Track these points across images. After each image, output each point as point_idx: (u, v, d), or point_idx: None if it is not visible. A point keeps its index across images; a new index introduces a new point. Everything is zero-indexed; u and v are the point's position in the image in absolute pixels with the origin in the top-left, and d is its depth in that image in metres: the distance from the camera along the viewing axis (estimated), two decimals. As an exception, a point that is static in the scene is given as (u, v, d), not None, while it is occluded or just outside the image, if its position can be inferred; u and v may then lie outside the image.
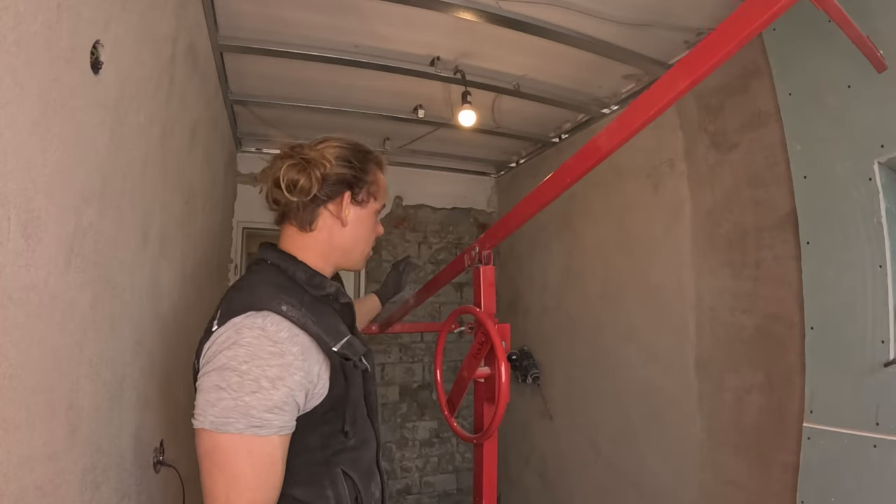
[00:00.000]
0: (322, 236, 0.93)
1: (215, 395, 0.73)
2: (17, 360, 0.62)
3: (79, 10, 0.74)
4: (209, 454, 0.73)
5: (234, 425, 0.72)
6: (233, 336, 0.75)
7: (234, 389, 0.73)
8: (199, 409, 0.75)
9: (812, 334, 1.43)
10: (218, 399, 0.73)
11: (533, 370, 3.10)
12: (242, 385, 0.73)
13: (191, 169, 1.67)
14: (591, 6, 1.78)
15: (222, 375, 0.74)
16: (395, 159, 3.40)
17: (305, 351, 0.79)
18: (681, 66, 0.86)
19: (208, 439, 0.73)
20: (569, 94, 2.47)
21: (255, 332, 0.75)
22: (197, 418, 0.75)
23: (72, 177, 0.76)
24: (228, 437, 0.72)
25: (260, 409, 0.73)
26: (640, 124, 0.91)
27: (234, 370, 0.73)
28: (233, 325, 0.77)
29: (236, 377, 0.73)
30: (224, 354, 0.75)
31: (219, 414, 0.73)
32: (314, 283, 0.90)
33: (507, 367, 1.14)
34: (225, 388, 0.73)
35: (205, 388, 0.75)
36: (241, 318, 0.77)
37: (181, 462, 1.43)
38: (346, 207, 0.92)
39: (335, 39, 1.98)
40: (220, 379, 0.74)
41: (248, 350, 0.74)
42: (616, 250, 2.51)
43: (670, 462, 2.10)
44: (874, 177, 1.29)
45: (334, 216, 0.93)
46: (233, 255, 3.06)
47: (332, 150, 0.92)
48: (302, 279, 0.89)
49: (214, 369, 0.75)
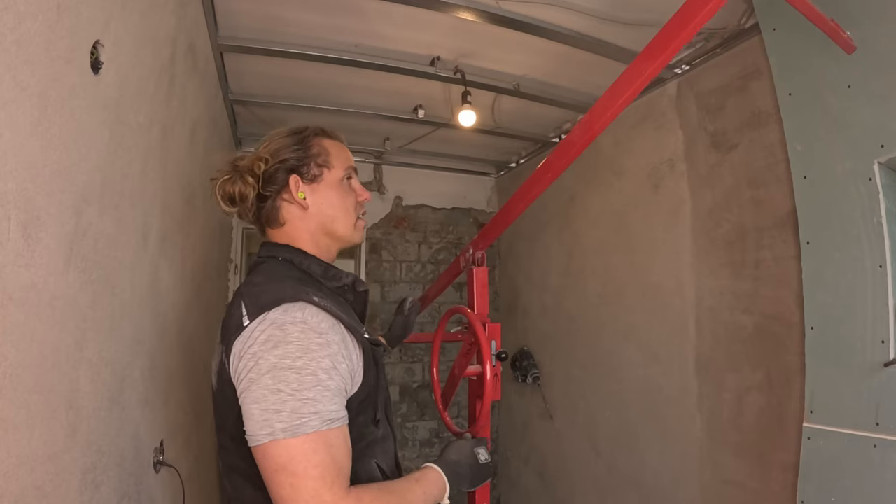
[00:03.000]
0: (296, 225, 0.92)
1: (276, 399, 0.69)
2: (16, 360, 0.62)
3: (79, 10, 0.74)
4: (288, 464, 0.68)
5: (309, 424, 0.69)
6: (277, 333, 0.72)
7: (294, 389, 0.69)
8: (258, 421, 0.69)
9: (812, 334, 1.43)
10: (281, 403, 0.69)
11: (533, 370, 3.10)
12: (302, 381, 0.70)
13: (191, 169, 1.66)
14: (590, 6, 1.78)
15: (277, 377, 0.70)
16: (395, 159, 3.41)
17: (344, 340, 0.79)
18: (640, 59, 0.89)
19: (283, 449, 0.68)
20: (569, 94, 2.47)
21: (299, 327, 0.73)
22: (260, 433, 0.69)
23: (72, 177, 0.76)
24: (304, 438, 0.68)
25: (326, 403, 0.71)
26: (609, 116, 0.94)
27: (290, 368, 0.70)
28: (271, 321, 0.73)
29: (294, 374, 0.70)
30: (272, 354, 0.71)
31: (288, 418, 0.68)
32: (329, 275, 0.90)
33: (495, 366, 1.17)
34: (284, 389, 0.69)
35: (258, 396, 0.70)
36: (278, 312, 0.74)
37: (181, 462, 1.43)
38: (297, 190, 0.91)
39: (335, 39, 1.98)
40: (275, 382, 0.70)
41: (298, 345, 0.72)
42: (616, 250, 2.51)
43: (670, 462, 2.10)
44: (874, 177, 1.29)
45: (293, 203, 0.92)
46: (233, 255, 3.06)
47: (265, 149, 0.93)
48: (318, 272, 0.89)
49: (265, 373, 0.70)
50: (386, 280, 3.50)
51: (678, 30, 0.86)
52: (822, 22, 1.16)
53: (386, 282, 3.50)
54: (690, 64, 2.07)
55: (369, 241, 3.47)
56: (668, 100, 2.20)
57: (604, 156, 2.59)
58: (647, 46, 0.91)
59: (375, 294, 3.46)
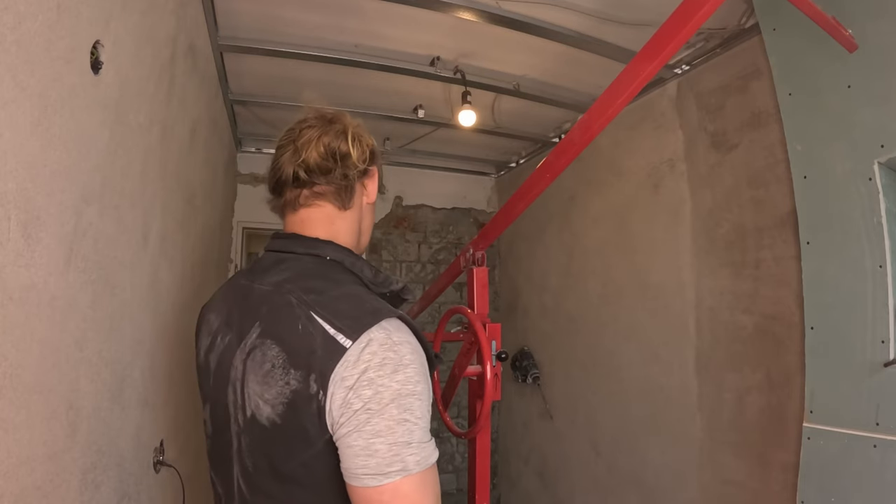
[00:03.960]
0: (356, 216, 0.82)
1: (404, 431, 0.61)
2: (16, 360, 0.62)
3: (79, 10, 0.74)
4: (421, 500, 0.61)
5: (434, 455, 0.63)
6: (391, 356, 0.63)
7: (418, 417, 0.62)
8: (384, 459, 0.60)
9: (812, 334, 1.43)
10: (410, 434, 0.61)
11: (533, 370, 3.10)
12: (424, 408, 0.64)
13: (191, 169, 1.67)
14: (590, 6, 1.78)
15: (402, 405, 0.61)
16: (395, 159, 3.40)
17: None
18: (638, 59, 0.90)
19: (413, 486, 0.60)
20: (569, 94, 2.47)
21: (408, 347, 0.65)
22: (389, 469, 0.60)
23: (72, 177, 0.76)
24: (430, 469, 0.62)
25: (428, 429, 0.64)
26: (608, 116, 0.94)
27: (412, 394, 0.62)
28: (380, 342, 0.63)
29: (417, 401, 0.63)
30: (395, 379, 0.62)
31: (418, 450, 0.61)
32: (378, 280, 0.79)
33: (495, 366, 1.17)
34: (410, 418, 0.62)
35: (383, 429, 0.61)
36: (381, 331, 0.64)
37: (181, 462, 1.43)
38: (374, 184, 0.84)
39: (335, 39, 1.98)
40: (401, 411, 0.61)
41: (415, 369, 0.64)
42: (616, 250, 2.51)
43: (670, 462, 2.10)
44: (874, 177, 1.29)
45: (363, 194, 0.83)
46: (233, 255, 3.06)
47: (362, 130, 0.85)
48: (368, 277, 0.77)
49: (388, 403, 0.61)
50: (386, 280, 3.49)
51: (676, 30, 0.86)
52: (822, 20, 1.16)
53: (386, 282, 3.49)
54: (690, 64, 2.07)
55: (369, 241, 3.47)
56: (668, 100, 2.20)
57: (604, 156, 2.59)
58: (644, 46, 0.91)
59: (375, 294, 3.46)
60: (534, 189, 1.12)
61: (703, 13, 0.83)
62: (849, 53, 1.32)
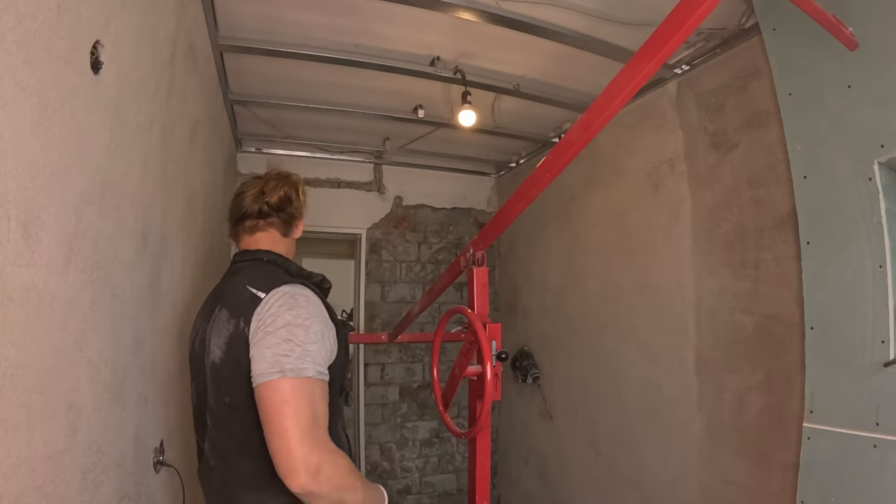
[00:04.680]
0: (291, 243, 1.21)
1: (286, 347, 0.87)
2: (16, 360, 0.62)
3: (79, 10, 0.74)
4: (292, 398, 0.84)
5: (308, 371, 0.87)
6: (289, 301, 0.93)
7: (301, 341, 0.88)
8: (270, 362, 0.87)
9: (812, 334, 1.43)
10: (290, 350, 0.87)
11: (533, 370, 3.10)
12: (308, 337, 0.89)
13: (191, 169, 1.67)
14: (590, 6, 1.78)
15: (290, 331, 0.89)
16: (395, 159, 3.41)
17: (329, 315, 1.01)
18: (636, 58, 0.90)
19: (288, 384, 0.85)
20: (568, 94, 2.47)
21: (304, 299, 0.95)
22: (270, 371, 0.86)
23: (72, 177, 0.76)
24: (304, 380, 0.87)
25: (318, 359, 0.90)
26: (606, 115, 0.94)
27: (300, 326, 0.90)
28: (283, 292, 0.94)
29: (302, 331, 0.89)
30: (288, 314, 0.91)
31: (294, 362, 0.86)
32: (303, 274, 1.13)
33: (495, 366, 1.17)
34: (294, 340, 0.88)
35: (272, 343, 0.88)
36: (287, 287, 0.96)
37: (181, 462, 1.43)
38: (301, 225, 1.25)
39: (335, 39, 1.98)
40: (288, 334, 0.88)
41: (307, 309, 0.93)
42: (616, 250, 2.51)
43: (670, 462, 2.10)
44: (874, 177, 1.29)
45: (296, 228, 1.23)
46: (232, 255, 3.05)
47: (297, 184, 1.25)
48: (294, 271, 1.12)
49: (281, 327, 0.89)
50: (386, 280, 3.50)
51: (674, 29, 0.86)
52: (823, 18, 1.16)
53: (386, 282, 3.50)
54: (690, 64, 2.07)
55: (369, 241, 3.47)
56: (668, 100, 2.20)
57: (604, 156, 2.59)
58: (643, 46, 0.91)
59: (375, 294, 3.46)
60: (533, 189, 1.12)
61: (701, 12, 0.83)
62: (849, 53, 1.31)
